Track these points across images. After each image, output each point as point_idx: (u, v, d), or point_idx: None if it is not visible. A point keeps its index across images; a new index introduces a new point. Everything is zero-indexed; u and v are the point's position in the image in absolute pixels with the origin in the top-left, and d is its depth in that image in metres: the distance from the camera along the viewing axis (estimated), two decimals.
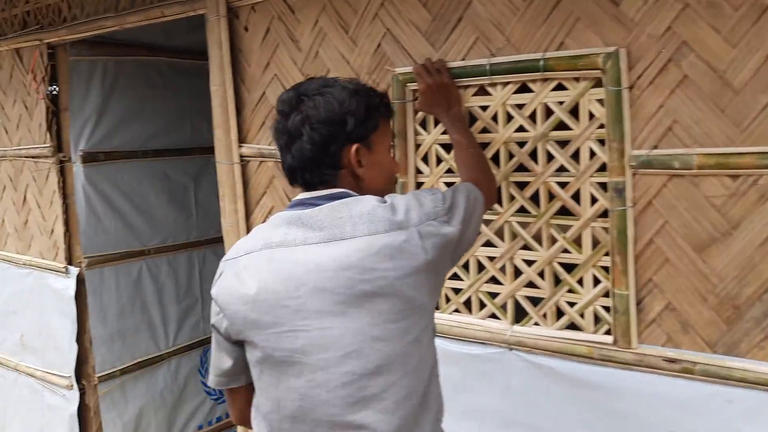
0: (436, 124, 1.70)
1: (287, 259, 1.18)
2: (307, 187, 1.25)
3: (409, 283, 1.16)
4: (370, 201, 1.19)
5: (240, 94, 2.13)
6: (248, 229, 2.17)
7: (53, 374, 2.93)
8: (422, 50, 1.69)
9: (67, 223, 2.86)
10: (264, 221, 2.14)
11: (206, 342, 3.40)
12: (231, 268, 1.23)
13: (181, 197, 3.27)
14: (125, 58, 2.97)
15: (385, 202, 1.20)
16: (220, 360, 1.27)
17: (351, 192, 1.22)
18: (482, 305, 1.70)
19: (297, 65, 1.97)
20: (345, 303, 1.15)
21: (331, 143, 1.21)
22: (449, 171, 1.70)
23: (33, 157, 2.93)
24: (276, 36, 2.00)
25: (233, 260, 1.24)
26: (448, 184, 1.69)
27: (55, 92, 2.82)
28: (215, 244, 3.45)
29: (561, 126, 1.52)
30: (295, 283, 1.16)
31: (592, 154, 1.48)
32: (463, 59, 1.62)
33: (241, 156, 2.14)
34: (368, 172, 1.24)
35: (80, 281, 2.84)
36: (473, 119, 1.65)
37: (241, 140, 2.14)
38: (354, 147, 1.22)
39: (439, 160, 1.72)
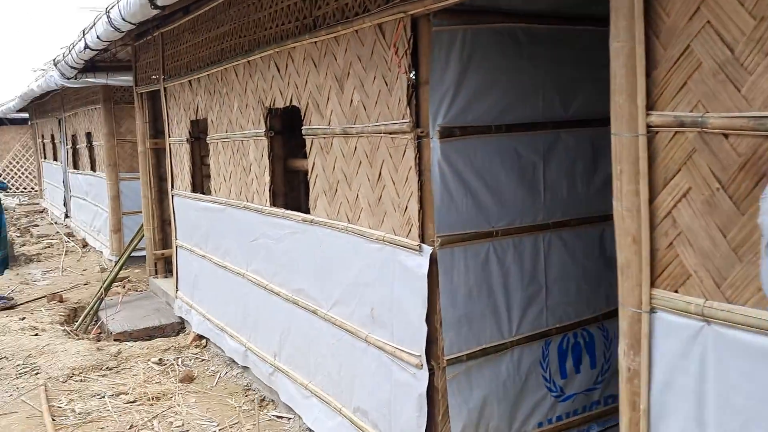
0: None
1: None
2: None
3: None
4: None
5: (650, 52, 1.75)
6: (651, 215, 1.79)
7: (403, 351, 2.93)
8: None
9: (421, 200, 2.80)
10: (675, 206, 1.77)
11: (549, 334, 3.14)
12: None
13: (530, 176, 3.02)
14: (482, 27, 2.78)
15: None
16: None
17: None
18: None
19: (744, 6, 1.52)
20: None
21: None
22: None
23: (390, 133, 2.92)
24: None
25: None
26: None
27: (414, 66, 2.75)
28: (561, 228, 3.16)
29: None
30: None
31: None
32: None
33: (648, 126, 1.77)
34: None
35: (432, 260, 2.77)
36: None
37: (649, 107, 1.76)
38: None
39: None
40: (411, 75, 2.72)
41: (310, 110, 3.61)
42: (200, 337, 5.61)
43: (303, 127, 3.68)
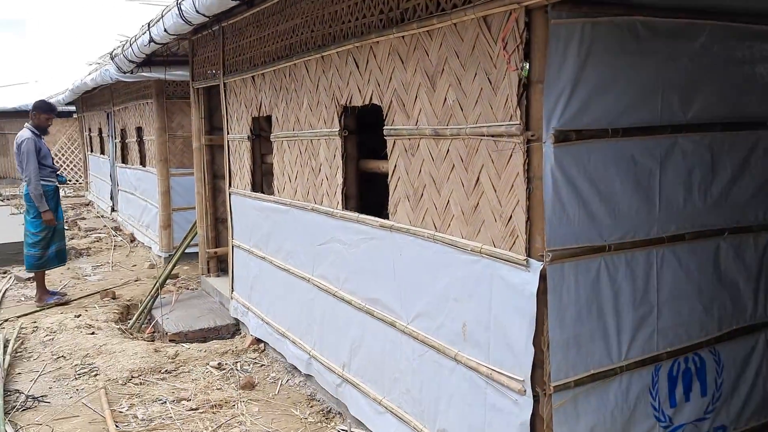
0: None
1: None
2: None
3: None
4: None
5: None
6: None
7: (502, 374, 2.69)
8: None
9: (529, 210, 2.55)
10: None
11: (659, 359, 2.86)
12: None
13: (645, 185, 2.75)
14: (602, 20, 2.52)
15: None
16: None
17: None
18: None
19: None
20: None
21: None
22: None
23: (494, 136, 2.68)
24: None
25: None
26: None
27: (524, 62, 2.50)
28: (676, 242, 2.87)
29: None
30: None
31: None
32: None
33: None
34: None
35: (542, 277, 2.52)
36: None
37: None
38: None
39: None
40: (524, 73, 2.47)
41: (393, 109, 3.38)
42: (258, 340, 5.44)
43: (384, 127, 3.45)
